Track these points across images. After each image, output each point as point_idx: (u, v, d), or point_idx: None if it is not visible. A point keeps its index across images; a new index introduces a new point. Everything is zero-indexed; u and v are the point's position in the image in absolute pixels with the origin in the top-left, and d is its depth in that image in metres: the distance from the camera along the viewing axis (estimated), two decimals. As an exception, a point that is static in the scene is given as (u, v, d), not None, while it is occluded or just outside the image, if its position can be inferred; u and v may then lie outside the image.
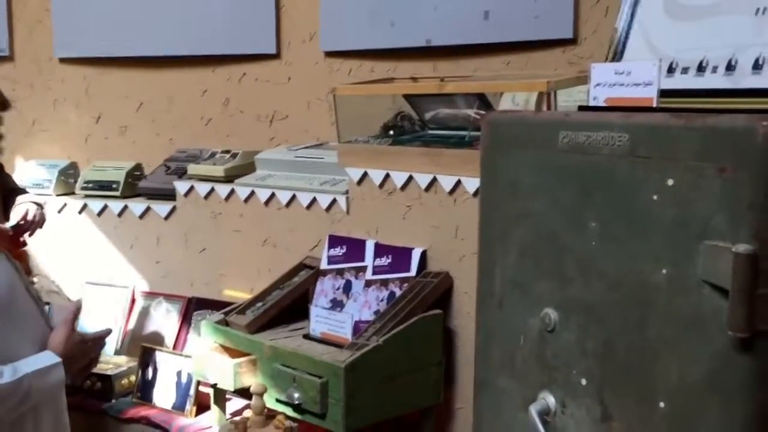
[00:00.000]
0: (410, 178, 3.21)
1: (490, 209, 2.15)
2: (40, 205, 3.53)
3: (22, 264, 2.46)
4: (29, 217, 3.44)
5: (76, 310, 2.43)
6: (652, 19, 2.45)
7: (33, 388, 2.24)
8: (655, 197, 1.68)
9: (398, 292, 3.13)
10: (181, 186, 4.02)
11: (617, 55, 2.52)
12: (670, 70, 2.35)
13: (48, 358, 2.29)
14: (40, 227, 3.51)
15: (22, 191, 3.73)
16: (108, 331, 2.56)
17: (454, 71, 3.55)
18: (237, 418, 3.11)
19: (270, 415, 3.03)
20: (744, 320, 1.51)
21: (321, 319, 3.15)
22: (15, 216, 3.42)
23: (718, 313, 1.56)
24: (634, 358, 1.75)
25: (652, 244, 1.69)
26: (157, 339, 3.98)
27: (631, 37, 2.51)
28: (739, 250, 1.50)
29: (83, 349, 2.43)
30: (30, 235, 3.47)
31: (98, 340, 2.53)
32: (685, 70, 2.32)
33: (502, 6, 3.48)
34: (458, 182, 3.06)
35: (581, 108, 2.15)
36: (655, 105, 1.95)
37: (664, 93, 2.01)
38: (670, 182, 1.65)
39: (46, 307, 2.65)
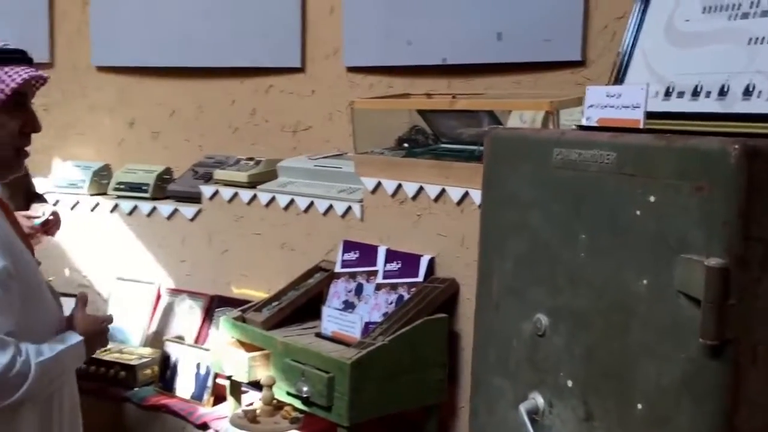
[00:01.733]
0: (421, 188, 3.31)
1: (490, 219, 2.21)
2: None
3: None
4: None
5: (82, 299, 2.55)
6: (653, 44, 2.45)
7: (68, 364, 2.37)
8: (638, 212, 1.75)
9: (406, 296, 3.23)
10: (206, 190, 4.15)
11: (620, 78, 2.52)
12: (668, 93, 2.33)
13: (73, 337, 2.41)
14: (58, 229, 3.63)
15: (42, 198, 3.85)
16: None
17: (467, 89, 3.60)
18: (247, 407, 3.22)
19: (278, 406, 3.15)
20: (714, 329, 1.58)
21: (332, 319, 3.25)
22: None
23: (692, 321, 1.62)
24: (616, 363, 1.81)
25: (635, 256, 1.76)
26: (180, 333, 4.10)
27: (633, 61, 2.51)
28: (711, 264, 1.57)
29: (99, 329, 2.49)
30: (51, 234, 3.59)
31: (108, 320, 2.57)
32: (680, 94, 2.33)
33: (514, 28, 3.50)
34: (466, 194, 3.15)
35: (577, 127, 2.20)
36: (641, 126, 1.99)
37: (660, 115, 2.06)
38: (652, 198, 1.71)
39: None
